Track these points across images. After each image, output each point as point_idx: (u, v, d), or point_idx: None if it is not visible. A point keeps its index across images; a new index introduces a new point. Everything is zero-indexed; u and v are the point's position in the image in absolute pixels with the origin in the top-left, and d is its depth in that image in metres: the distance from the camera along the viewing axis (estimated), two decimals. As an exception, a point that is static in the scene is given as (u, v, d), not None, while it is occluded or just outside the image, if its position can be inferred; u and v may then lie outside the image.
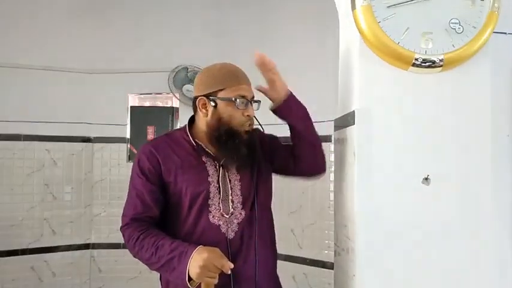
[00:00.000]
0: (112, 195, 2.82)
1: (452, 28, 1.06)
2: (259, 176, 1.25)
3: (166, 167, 1.19)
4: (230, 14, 2.84)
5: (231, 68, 1.23)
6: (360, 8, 1.07)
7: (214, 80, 1.20)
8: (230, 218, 1.19)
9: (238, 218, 1.20)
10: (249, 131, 1.21)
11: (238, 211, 1.20)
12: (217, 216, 1.18)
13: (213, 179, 1.20)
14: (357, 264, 1.08)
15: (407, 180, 1.08)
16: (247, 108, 1.20)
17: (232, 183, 1.22)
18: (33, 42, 2.71)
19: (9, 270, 2.59)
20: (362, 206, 1.08)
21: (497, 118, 1.11)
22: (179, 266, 1.08)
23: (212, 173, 1.21)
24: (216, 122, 1.19)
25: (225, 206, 1.19)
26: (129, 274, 2.79)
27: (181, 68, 2.78)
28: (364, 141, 1.09)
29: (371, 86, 1.10)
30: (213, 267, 1.05)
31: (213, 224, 1.17)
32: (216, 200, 1.19)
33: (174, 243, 1.11)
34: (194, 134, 1.25)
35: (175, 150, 1.22)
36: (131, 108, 2.85)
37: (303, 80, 2.44)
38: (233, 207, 1.20)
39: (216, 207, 1.19)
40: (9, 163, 2.64)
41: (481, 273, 1.07)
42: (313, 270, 2.35)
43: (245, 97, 1.19)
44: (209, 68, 1.25)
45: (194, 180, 1.19)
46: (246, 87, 1.21)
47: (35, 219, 2.68)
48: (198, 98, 1.22)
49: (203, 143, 1.23)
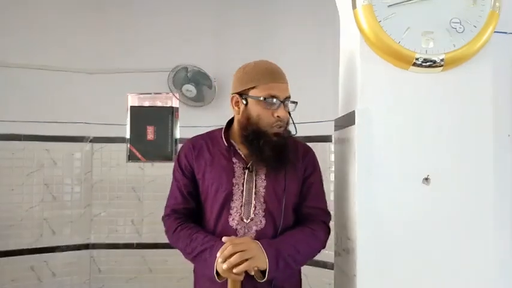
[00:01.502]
0: (112, 195, 2.82)
1: (453, 28, 1.05)
2: (288, 188, 1.17)
3: (198, 164, 1.22)
4: (230, 14, 2.84)
5: (266, 65, 1.18)
6: (360, 7, 1.07)
7: (248, 77, 1.17)
8: (249, 224, 1.16)
9: (258, 225, 1.16)
10: (279, 133, 1.15)
11: (259, 218, 1.16)
12: (237, 220, 1.16)
13: (237, 181, 1.18)
14: (357, 265, 1.07)
15: (408, 180, 1.08)
16: (278, 108, 1.14)
17: (257, 189, 1.17)
18: (33, 42, 2.70)
19: (8, 271, 2.59)
20: (362, 206, 1.08)
21: (498, 118, 1.11)
22: (209, 258, 1.10)
23: (239, 175, 1.18)
24: (245, 121, 1.16)
25: (246, 211, 1.16)
26: (129, 274, 2.79)
27: (180, 68, 2.78)
28: (365, 141, 1.08)
29: (371, 86, 1.09)
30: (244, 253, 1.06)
31: (231, 227, 1.16)
32: (238, 203, 1.17)
33: (208, 237, 1.14)
34: (231, 133, 1.24)
35: (210, 149, 1.22)
36: (131, 108, 2.84)
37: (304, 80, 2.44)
38: (254, 213, 1.16)
39: (237, 210, 1.17)
40: (8, 163, 2.63)
41: (481, 273, 1.07)
42: (313, 270, 2.35)
43: (276, 96, 1.14)
44: (246, 65, 1.21)
45: (218, 179, 1.18)
46: (280, 85, 1.15)
47: (34, 219, 2.68)
48: (232, 95, 1.20)
49: (236, 143, 1.21)
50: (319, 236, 1.19)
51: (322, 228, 1.21)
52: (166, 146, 2.81)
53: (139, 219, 2.82)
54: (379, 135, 1.08)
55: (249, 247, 1.07)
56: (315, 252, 1.19)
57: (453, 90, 1.09)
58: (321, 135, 2.30)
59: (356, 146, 1.09)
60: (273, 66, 1.20)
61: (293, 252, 1.12)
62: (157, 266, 2.79)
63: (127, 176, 2.83)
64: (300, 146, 1.26)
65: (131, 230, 2.81)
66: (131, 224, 2.81)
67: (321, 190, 1.25)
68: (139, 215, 2.82)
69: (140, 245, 2.80)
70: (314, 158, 1.26)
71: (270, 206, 1.17)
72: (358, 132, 1.09)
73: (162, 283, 2.77)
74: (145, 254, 2.79)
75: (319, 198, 1.24)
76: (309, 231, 1.17)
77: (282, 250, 1.10)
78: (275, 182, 1.18)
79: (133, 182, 2.83)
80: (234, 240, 1.08)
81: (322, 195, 1.25)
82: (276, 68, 1.20)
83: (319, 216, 1.22)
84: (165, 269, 2.77)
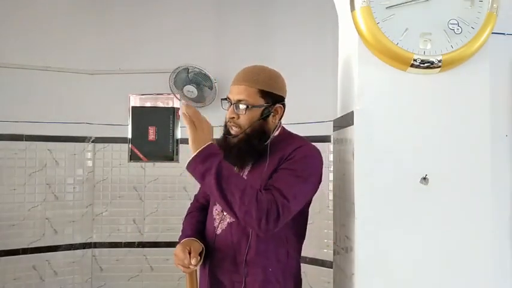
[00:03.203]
0: (113, 195, 2.83)
1: (451, 29, 1.06)
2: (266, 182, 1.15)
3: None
4: (230, 14, 2.85)
5: (244, 68, 1.25)
6: (359, 9, 1.07)
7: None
8: (224, 216, 1.21)
9: (231, 218, 1.18)
10: (229, 133, 1.22)
11: None
12: (218, 211, 1.24)
13: None
14: (356, 263, 1.08)
15: (406, 180, 1.08)
16: (229, 109, 1.22)
17: None
18: (34, 42, 2.72)
19: (10, 270, 2.60)
20: (361, 205, 1.08)
21: (495, 118, 1.11)
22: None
23: None
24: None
25: None
26: (131, 273, 2.81)
27: (182, 68, 2.79)
28: (363, 141, 1.09)
29: (370, 87, 1.10)
30: (177, 259, 1.17)
31: (212, 216, 1.26)
32: None
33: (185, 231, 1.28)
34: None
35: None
36: (132, 108, 2.86)
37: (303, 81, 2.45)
38: None
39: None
40: (11, 163, 2.65)
41: (480, 272, 1.08)
42: (312, 269, 2.36)
43: (228, 98, 1.23)
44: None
45: None
46: (234, 88, 1.21)
47: (36, 219, 2.69)
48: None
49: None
50: (259, 196, 1.06)
51: (268, 196, 1.07)
52: (167, 146, 2.83)
53: (141, 218, 2.84)
54: (378, 135, 1.09)
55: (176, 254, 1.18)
56: (242, 202, 1.05)
57: (451, 91, 1.10)
58: (320, 136, 2.31)
59: (355, 146, 1.09)
60: (246, 69, 1.24)
61: (224, 172, 1.06)
62: (159, 264, 2.81)
63: (129, 175, 2.84)
64: (294, 144, 1.19)
65: (133, 229, 2.83)
66: (133, 223, 2.83)
67: (289, 176, 1.12)
68: (140, 214, 2.84)
69: (142, 244, 2.82)
70: (299, 154, 1.16)
71: None
72: (356, 132, 1.09)
73: (164, 282, 2.79)
74: (146, 252, 2.80)
75: (282, 181, 1.11)
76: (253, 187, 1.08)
77: (213, 160, 1.06)
78: (254, 179, 1.18)
79: (135, 182, 2.84)
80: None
81: (288, 180, 1.11)
82: (245, 71, 1.23)
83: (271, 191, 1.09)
84: (166, 268, 2.78)
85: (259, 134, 1.20)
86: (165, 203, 2.84)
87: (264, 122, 1.21)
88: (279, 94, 1.23)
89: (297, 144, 1.19)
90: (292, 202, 1.09)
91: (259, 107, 1.19)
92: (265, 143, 1.21)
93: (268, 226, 1.06)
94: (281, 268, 1.19)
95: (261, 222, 1.05)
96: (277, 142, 1.22)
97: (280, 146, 1.21)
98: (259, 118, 1.19)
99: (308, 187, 1.16)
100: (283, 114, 1.26)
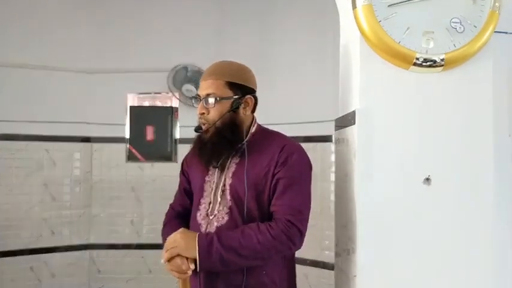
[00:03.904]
0: (111, 196, 2.81)
1: (453, 27, 1.05)
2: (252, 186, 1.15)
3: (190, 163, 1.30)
4: (230, 13, 2.83)
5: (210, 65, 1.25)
6: (360, 7, 1.06)
7: None
8: (212, 220, 1.18)
9: (220, 221, 1.17)
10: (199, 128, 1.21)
11: (221, 215, 1.17)
12: (203, 215, 1.21)
13: (210, 179, 1.22)
14: (358, 265, 1.07)
15: (408, 181, 1.07)
16: (199, 105, 1.21)
17: (225, 186, 1.19)
18: (32, 41, 2.70)
19: (8, 271, 2.58)
20: (362, 206, 1.08)
21: (498, 118, 1.11)
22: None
23: (211, 173, 1.22)
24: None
25: (212, 207, 1.20)
26: (129, 275, 2.79)
27: (180, 67, 2.78)
28: (365, 141, 1.08)
29: (372, 86, 1.10)
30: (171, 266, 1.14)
31: (197, 222, 1.21)
32: (207, 200, 1.21)
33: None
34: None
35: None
36: (130, 108, 2.84)
37: (303, 80, 2.44)
38: (218, 209, 1.18)
39: (205, 206, 1.21)
40: (8, 163, 2.63)
41: (481, 273, 1.07)
42: (313, 270, 2.35)
43: (198, 95, 1.23)
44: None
45: (194, 177, 1.27)
46: (202, 84, 1.22)
47: (34, 220, 2.67)
48: None
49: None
50: (273, 232, 1.09)
51: (282, 225, 1.10)
52: (165, 146, 2.81)
53: (139, 219, 2.82)
54: (380, 135, 1.08)
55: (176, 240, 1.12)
56: (266, 249, 1.09)
57: (453, 90, 1.09)
58: (321, 135, 2.30)
59: (356, 146, 1.09)
60: (213, 64, 1.25)
61: (233, 244, 1.08)
62: (157, 266, 2.79)
63: (126, 176, 2.83)
64: (277, 142, 1.19)
65: (131, 230, 2.81)
66: (131, 225, 2.81)
67: (290, 187, 1.14)
68: (138, 215, 2.82)
69: (140, 245, 2.80)
70: (288, 154, 1.16)
71: (233, 204, 1.17)
72: (358, 132, 1.08)
73: (162, 283, 2.77)
74: (144, 254, 2.78)
75: (286, 195, 1.13)
76: (256, 227, 1.10)
77: (216, 241, 1.08)
78: (239, 180, 1.17)
79: (133, 182, 2.83)
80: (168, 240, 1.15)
81: (291, 192, 1.14)
82: (212, 65, 1.25)
83: (282, 214, 1.12)
84: (164, 270, 2.76)
85: (231, 126, 1.18)
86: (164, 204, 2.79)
87: (235, 114, 1.19)
88: (248, 86, 1.22)
89: (282, 143, 1.19)
90: (305, 210, 1.15)
91: (228, 99, 1.18)
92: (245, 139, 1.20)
93: (297, 245, 1.13)
94: (277, 270, 1.17)
95: (291, 248, 1.13)
96: (257, 139, 1.22)
97: (262, 143, 1.20)
98: (229, 110, 1.18)
99: (309, 186, 1.19)
100: (255, 107, 1.25)
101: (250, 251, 1.09)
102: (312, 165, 1.22)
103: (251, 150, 1.18)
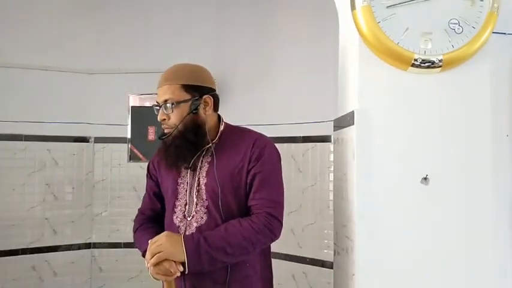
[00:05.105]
0: (113, 195, 2.83)
1: (452, 28, 1.06)
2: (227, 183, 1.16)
3: (159, 167, 1.30)
4: (230, 14, 2.84)
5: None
6: (359, 8, 1.07)
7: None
8: (190, 221, 1.18)
9: (199, 221, 1.17)
10: (162, 134, 1.22)
11: (200, 215, 1.18)
12: (180, 218, 1.21)
13: (183, 181, 1.23)
14: (357, 264, 1.08)
15: (407, 180, 1.08)
16: (159, 113, 1.21)
17: (200, 186, 1.19)
18: (34, 42, 2.71)
19: (10, 270, 2.59)
20: (361, 205, 1.08)
21: (496, 118, 1.11)
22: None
23: (184, 175, 1.23)
24: None
25: (189, 208, 1.20)
26: (130, 273, 2.79)
27: (181, 68, 2.78)
28: (364, 141, 1.09)
29: (370, 86, 1.10)
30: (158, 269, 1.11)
31: (174, 225, 1.21)
32: (182, 201, 1.21)
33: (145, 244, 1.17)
34: None
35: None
36: (132, 108, 2.85)
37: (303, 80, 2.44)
38: (195, 210, 1.18)
39: (181, 208, 1.21)
40: (10, 163, 2.64)
41: (481, 273, 1.08)
42: (312, 269, 2.35)
43: (157, 103, 1.22)
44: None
45: (165, 181, 1.27)
46: (159, 91, 1.22)
47: (36, 219, 2.68)
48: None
49: None
50: (256, 226, 1.12)
51: (263, 219, 1.13)
52: (167, 146, 2.82)
53: (140, 219, 2.82)
54: (378, 135, 1.09)
55: (162, 244, 1.10)
56: (251, 243, 1.12)
57: (452, 90, 1.10)
58: (320, 136, 2.30)
59: (355, 146, 1.09)
60: (166, 70, 1.25)
61: (220, 243, 1.09)
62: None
63: (128, 176, 2.83)
64: (248, 138, 1.21)
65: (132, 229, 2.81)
66: (132, 224, 2.82)
67: (267, 181, 1.17)
68: (140, 214, 2.83)
69: (141, 244, 2.81)
70: (261, 149, 1.18)
71: (210, 202, 1.17)
72: (357, 132, 1.09)
73: (163, 283, 2.78)
74: (146, 253, 2.79)
75: (263, 188, 1.16)
76: (238, 223, 1.12)
77: (203, 242, 1.09)
78: (213, 179, 1.17)
79: (135, 182, 2.83)
80: (151, 242, 1.12)
81: (268, 185, 1.17)
82: (165, 72, 1.24)
83: (262, 207, 1.15)
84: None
85: (193, 128, 1.19)
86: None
87: (195, 115, 1.19)
88: (205, 86, 1.22)
89: (252, 138, 1.21)
90: (282, 201, 1.19)
91: (186, 102, 1.19)
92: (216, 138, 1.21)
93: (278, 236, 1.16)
94: (258, 261, 1.21)
95: (272, 239, 1.16)
96: (227, 137, 1.23)
97: (233, 140, 1.21)
98: (189, 112, 1.19)
99: (281, 177, 1.22)
100: (217, 106, 1.25)
101: (237, 248, 1.11)
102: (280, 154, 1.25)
103: (222, 148, 1.20)
